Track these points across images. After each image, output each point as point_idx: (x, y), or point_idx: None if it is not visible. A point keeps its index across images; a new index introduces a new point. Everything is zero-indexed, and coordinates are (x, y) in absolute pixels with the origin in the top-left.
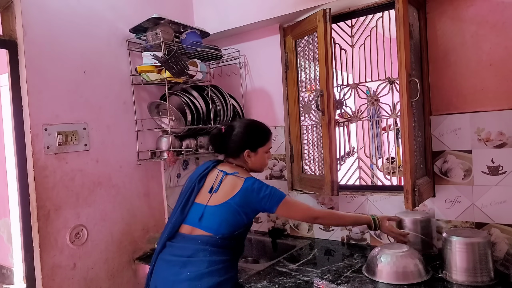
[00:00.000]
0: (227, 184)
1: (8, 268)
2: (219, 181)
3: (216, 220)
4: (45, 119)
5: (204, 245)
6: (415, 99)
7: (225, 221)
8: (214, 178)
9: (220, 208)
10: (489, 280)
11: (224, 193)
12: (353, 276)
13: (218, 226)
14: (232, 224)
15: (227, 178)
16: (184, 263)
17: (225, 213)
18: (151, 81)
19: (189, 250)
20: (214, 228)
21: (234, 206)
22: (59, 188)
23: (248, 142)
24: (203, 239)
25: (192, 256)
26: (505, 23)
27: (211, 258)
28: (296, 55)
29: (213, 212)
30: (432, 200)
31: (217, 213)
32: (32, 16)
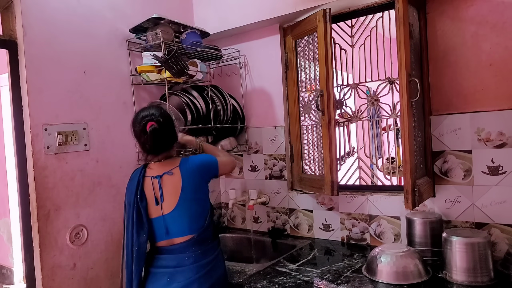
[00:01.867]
0: (168, 184)
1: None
2: (158, 188)
3: (183, 222)
4: (45, 119)
5: (187, 252)
6: (415, 99)
7: (191, 217)
8: (151, 188)
9: (179, 210)
10: (489, 280)
11: (172, 194)
12: (353, 276)
13: (189, 225)
14: (198, 214)
15: (163, 180)
16: (172, 274)
17: (185, 211)
18: (151, 81)
19: (173, 261)
20: (187, 230)
21: (189, 197)
22: (59, 188)
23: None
24: (184, 245)
25: (178, 266)
26: (505, 23)
27: (198, 263)
28: (296, 55)
29: (174, 217)
30: (432, 200)
31: (179, 215)
32: (32, 16)
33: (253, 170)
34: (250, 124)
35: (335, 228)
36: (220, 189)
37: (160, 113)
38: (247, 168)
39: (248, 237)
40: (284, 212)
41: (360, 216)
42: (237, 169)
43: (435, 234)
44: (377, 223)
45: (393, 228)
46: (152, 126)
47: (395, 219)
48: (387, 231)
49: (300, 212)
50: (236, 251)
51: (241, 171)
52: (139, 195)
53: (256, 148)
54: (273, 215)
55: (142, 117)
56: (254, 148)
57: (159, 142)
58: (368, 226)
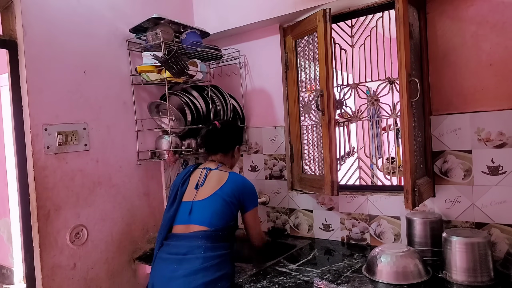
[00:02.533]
0: (213, 178)
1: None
2: (203, 177)
3: (207, 213)
4: (45, 119)
5: (199, 242)
6: (415, 99)
7: (215, 213)
8: (198, 175)
9: (208, 201)
10: (489, 280)
11: (211, 186)
12: (353, 276)
13: (210, 218)
14: (223, 214)
15: (211, 173)
16: (180, 261)
17: (214, 205)
18: (151, 81)
19: (184, 248)
20: (207, 221)
21: (222, 197)
22: (59, 188)
23: (239, 138)
24: (197, 235)
25: (187, 253)
26: (505, 23)
27: (206, 254)
28: (296, 55)
29: (202, 206)
30: (432, 200)
31: (207, 205)
32: (32, 16)
33: (253, 170)
34: (250, 124)
35: (335, 228)
36: None
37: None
38: (247, 168)
39: None
40: (284, 212)
41: (360, 216)
42: (237, 169)
43: (435, 234)
44: (377, 223)
45: (393, 228)
46: (214, 124)
47: (395, 219)
48: (387, 231)
49: (300, 212)
50: (236, 251)
51: (241, 171)
52: (182, 180)
53: (256, 148)
54: (273, 215)
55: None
56: (254, 148)
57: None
58: (368, 226)
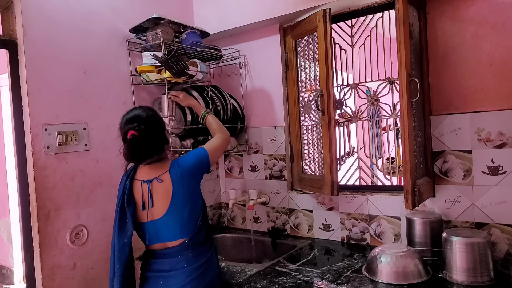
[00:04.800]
0: (159, 191)
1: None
2: (148, 194)
3: (175, 227)
4: (45, 119)
5: (179, 256)
6: (415, 99)
7: (183, 222)
8: (140, 192)
9: (169, 216)
10: (489, 280)
11: (163, 200)
12: (353, 276)
13: (180, 230)
14: (190, 218)
15: (153, 186)
16: (166, 278)
17: (177, 215)
18: (151, 81)
19: (166, 265)
20: (178, 234)
21: (180, 202)
22: (59, 188)
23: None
24: (176, 249)
25: (171, 269)
26: (505, 23)
27: (190, 266)
28: (296, 55)
29: (164, 223)
30: (432, 200)
31: (170, 220)
32: (32, 16)
33: (253, 170)
34: (250, 124)
35: (335, 228)
36: (220, 189)
37: (145, 117)
38: (247, 168)
39: (248, 237)
40: (284, 212)
41: (360, 216)
42: (237, 169)
43: (435, 234)
44: (377, 223)
45: (393, 228)
46: (132, 135)
47: (395, 219)
48: (387, 231)
49: (300, 212)
50: (236, 251)
51: (241, 171)
52: (126, 199)
53: (256, 148)
54: (273, 215)
55: (125, 123)
56: (254, 148)
57: (140, 151)
58: (368, 226)
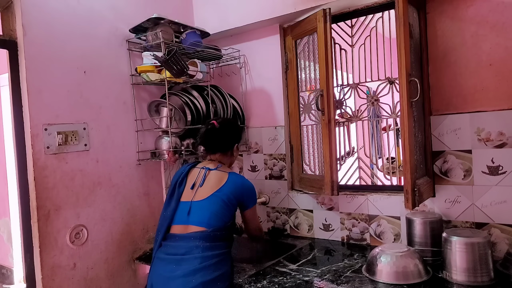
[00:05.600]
0: (212, 178)
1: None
2: (202, 177)
3: (205, 213)
4: (45, 119)
5: (197, 242)
6: (415, 99)
7: (214, 214)
8: (196, 175)
9: (207, 202)
10: (489, 280)
11: (210, 187)
12: (353, 276)
13: (208, 219)
14: (222, 215)
15: (210, 173)
16: (178, 261)
17: (213, 206)
18: (151, 81)
19: (183, 248)
20: (205, 222)
21: (221, 198)
22: (59, 188)
23: (238, 136)
24: (196, 235)
25: (186, 254)
26: (505, 23)
27: (204, 253)
28: (296, 55)
29: (200, 206)
30: (432, 200)
31: (205, 206)
32: (32, 16)
33: (253, 170)
34: (250, 124)
35: (335, 228)
36: None
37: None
38: (247, 168)
39: None
40: (284, 212)
41: (360, 216)
42: (237, 169)
43: (435, 234)
44: (377, 223)
45: (393, 228)
46: (212, 124)
47: (395, 219)
48: (387, 231)
49: (300, 212)
50: (236, 251)
51: (241, 171)
52: (179, 180)
53: (256, 148)
54: (273, 215)
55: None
56: (254, 148)
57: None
58: (368, 226)
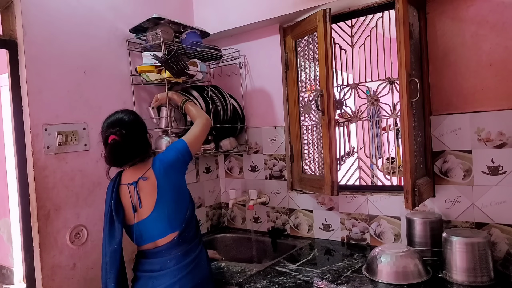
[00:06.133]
0: (144, 189)
1: (8, 268)
2: (135, 195)
3: (164, 221)
4: (45, 119)
5: (170, 254)
6: (415, 99)
7: (171, 216)
8: (128, 195)
9: (157, 211)
10: (489, 280)
11: (149, 198)
12: (353, 276)
13: (169, 225)
14: (179, 210)
15: (139, 186)
16: (156, 277)
17: (164, 211)
18: (151, 81)
19: (157, 264)
20: (168, 229)
21: (166, 195)
22: (59, 188)
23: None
24: (167, 247)
25: (161, 269)
26: (505, 23)
27: (179, 264)
28: (296, 55)
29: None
30: (432, 200)
31: (158, 216)
32: (32, 16)
33: (253, 170)
34: (250, 124)
35: (335, 228)
36: (220, 189)
37: (127, 121)
38: (247, 168)
39: (248, 237)
40: (284, 212)
41: (360, 216)
42: (237, 169)
43: (435, 234)
44: (377, 223)
45: (393, 228)
46: (113, 140)
47: (395, 219)
48: (387, 231)
49: (300, 212)
50: (236, 251)
51: (241, 171)
52: (114, 206)
53: (256, 148)
54: (273, 215)
55: (106, 127)
56: (254, 148)
57: (121, 155)
58: (368, 226)
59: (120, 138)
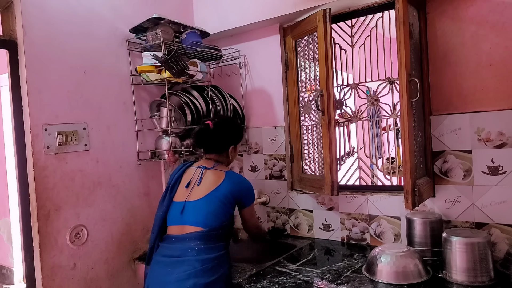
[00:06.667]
0: (209, 177)
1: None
2: (198, 176)
3: (201, 213)
4: (45, 119)
5: (192, 244)
6: (415, 99)
7: (210, 213)
8: (192, 174)
9: (203, 201)
10: (489, 280)
11: (207, 186)
12: (353, 276)
13: (204, 219)
14: (219, 214)
15: (207, 172)
16: (173, 264)
17: (209, 205)
18: (151, 81)
19: (177, 250)
20: (201, 222)
21: (218, 197)
22: (59, 188)
23: (234, 138)
24: (191, 236)
25: (180, 256)
26: (505, 23)
27: (199, 257)
28: (296, 55)
29: (196, 206)
30: (432, 200)
31: (201, 206)
32: (32, 16)
33: (253, 170)
34: (250, 124)
35: (335, 228)
36: None
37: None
38: (247, 168)
39: None
40: (284, 212)
41: (360, 216)
42: (238, 169)
43: (435, 234)
44: (377, 223)
45: (393, 228)
46: (207, 124)
47: (395, 219)
48: (387, 231)
49: (300, 212)
50: (236, 251)
51: (241, 171)
52: (173, 180)
53: (256, 148)
54: (273, 215)
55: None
56: (254, 148)
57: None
58: (368, 226)
59: (213, 125)
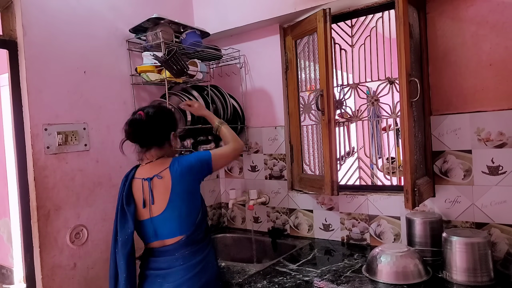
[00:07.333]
0: (158, 188)
1: (8, 268)
2: (148, 191)
3: (173, 223)
4: (45, 119)
5: (177, 254)
6: (415, 99)
7: (182, 217)
8: (141, 190)
9: (169, 211)
10: (489, 280)
11: (163, 197)
12: (353, 276)
13: (179, 226)
14: (190, 213)
15: (153, 183)
16: (163, 275)
17: (176, 211)
18: (151, 81)
19: (164, 263)
20: (177, 230)
21: (180, 196)
22: (59, 188)
23: (171, 124)
24: (174, 247)
25: (169, 267)
26: (505, 23)
27: (187, 264)
28: (296, 55)
29: (164, 219)
30: (432, 200)
31: (170, 216)
32: (32, 16)
33: (253, 170)
34: (250, 124)
35: (335, 228)
36: (220, 189)
37: (158, 108)
38: (247, 168)
39: (248, 237)
40: (284, 212)
41: (360, 216)
42: (237, 169)
43: (435, 234)
44: (377, 223)
45: (393, 228)
46: (139, 115)
47: (395, 219)
48: (387, 231)
49: (300, 212)
50: (236, 251)
51: (241, 171)
52: (125, 199)
53: (256, 148)
54: (273, 215)
55: (138, 108)
56: (254, 148)
57: (138, 132)
58: (368, 226)
59: (145, 116)
